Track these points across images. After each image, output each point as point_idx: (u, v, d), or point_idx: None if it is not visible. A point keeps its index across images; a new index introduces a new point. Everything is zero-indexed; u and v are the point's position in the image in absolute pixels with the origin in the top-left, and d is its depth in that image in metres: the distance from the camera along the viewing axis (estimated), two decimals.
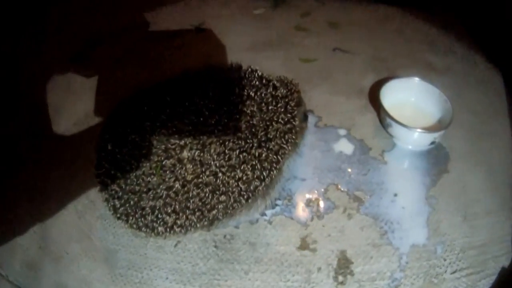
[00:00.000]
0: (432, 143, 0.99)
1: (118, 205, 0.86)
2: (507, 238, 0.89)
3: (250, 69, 0.88)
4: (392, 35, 1.35)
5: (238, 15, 1.50)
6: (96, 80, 1.35)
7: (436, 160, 1.00)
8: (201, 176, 0.80)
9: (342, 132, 1.05)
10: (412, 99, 1.05)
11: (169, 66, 1.32)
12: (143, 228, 0.87)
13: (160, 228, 0.85)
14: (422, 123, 1.00)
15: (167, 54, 1.36)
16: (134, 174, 0.82)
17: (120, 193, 0.84)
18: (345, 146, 1.01)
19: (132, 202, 0.84)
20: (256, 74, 0.87)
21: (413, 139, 0.98)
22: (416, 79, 1.04)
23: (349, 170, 0.97)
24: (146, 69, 1.33)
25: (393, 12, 1.43)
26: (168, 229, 0.85)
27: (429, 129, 0.98)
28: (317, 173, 0.97)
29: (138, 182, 0.82)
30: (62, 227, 1.02)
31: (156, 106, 0.84)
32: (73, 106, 1.27)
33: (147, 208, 0.83)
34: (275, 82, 0.88)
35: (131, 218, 0.86)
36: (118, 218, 0.90)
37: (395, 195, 0.95)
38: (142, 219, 0.85)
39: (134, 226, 0.87)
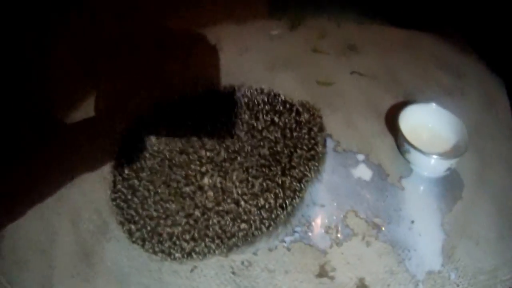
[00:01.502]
0: (448, 169, 0.98)
1: (134, 230, 0.85)
2: None
3: (273, 93, 0.86)
4: (406, 58, 1.35)
5: (255, 35, 1.49)
6: (105, 93, 1.33)
7: (451, 186, 1.00)
8: (222, 203, 0.79)
9: (361, 157, 1.04)
10: (429, 124, 1.05)
11: (183, 81, 1.30)
12: (159, 253, 0.85)
13: (177, 254, 0.84)
14: (438, 149, 1.00)
15: (181, 69, 1.35)
16: (152, 200, 0.80)
17: (137, 218, 0.83)
18: (363, 172, 1.01)
19: (149, 228, 0.82)
20: (280, 99, 0.85)
21: (431, 165, 0.98)
22: (434, 104, 1.04)
23: (368, 196, 0.97)
24: (159, 83, 1.31)
25: (407, 34, 1.44)
26: (185, 255, 0.84)
27: (445, 155, 0.98)
28: (336, 199, 0.96)
29: (156, 208, 0.80)
30: (72, 247, 1.00)
31: (176, 129, 0.83)
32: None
33: (165, 235, 0.82)
34: (298, 107, 0.87)
35: (147, 243, 0.84)
36: (133, 242, 0.88)
37: (412, 222, 0.94)
38: (159, 244, 0.83)
39: (150, 250, 0.86)
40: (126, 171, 0.82)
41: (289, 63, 1.35)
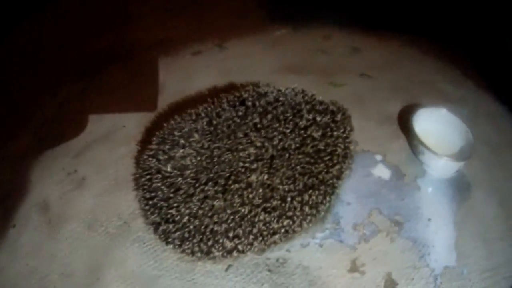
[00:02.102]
0: (457, 171, 1.06)
1: (173, 229, 0.83)
2: None
3: (310, 94, 0.89)
4: (409, 63, 1.42)
5: (259, 36, 1.51)
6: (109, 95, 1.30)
7: (461, 187, 1.07)
8: (270, 200, 0.80)
9: (378, 157, 1.09)
10: (438, 128, 1.12)
11: (190, 84, 1.30)
12: (197, 253, 0.84)
13: (216, 253, 0.83)
14: (445, 151, 1.08)
15: (190, 72, 1.34)
16: (197, 198, 0.80)
17: (178, 217, 0.81)
18: (382, 172, 1.06)
19: (191, 227, 0.81)
20: (317, 99, 0.88)
21: (443, 166, 1.05)
22: (444, 110, 1.12)
23: (388, 195, 1.02)
24: (165, 88, 1.29)
25: (407, 40, 1.51)
26: (225, 254, 0.84)
27: (455, 157, 1.06)
28: (360, 198, 1.00)
29: (203, 206, 0.79)
30: (90, 251, 0.96)
31: (222, 127, 0.83)
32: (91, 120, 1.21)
33: (208, 233, 0.81)
34: (333, 107, 0.90)
35: (187, 243, 0.83)
36: (168, 243, 0.86)
37: (429, 220, 1.00)
38: (200, 243, 0.82)
39: (188, 250, 0.84)
40: (169, 168, 0.80)
41: (298, 65, 1.38)
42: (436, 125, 1.12)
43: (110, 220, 0.99)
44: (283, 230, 0.83)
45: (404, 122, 1.15)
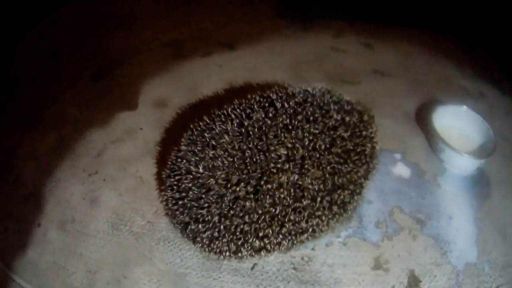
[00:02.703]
0: (478, 168, 1.07)
1: (203, 229, 0.83)
2: None
3: (338, 93, 0.89)
4: (425, 58, 1.43)
5: (268, 34, 1.51)
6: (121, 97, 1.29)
7: (481, 184, 1.09)
8: (301, 200, 0.80)
9: (398, 156, 1.10)
10: (458, 125, 1.13)
11: (204, 84, 1.29)
12: (224, 252, 0.85)
13: (244, 252, 0.84)
14: (466, 149, 1.09)
15: (203, 73, 1.34)
16: (228, 198, 0.80)
17: (208, 217, 0.82)
18: (402, 170, 1.07)
19: (222, 227, 0.81)
20: (344, 99, 0.89)
21: (464, 164, 1.06)
22: (464, 107, 1.13)
23: (409, 193, 1.03)
24: (180, 87, 1.29)
25: (422, 35, 1.51)
26: (253, 253, 0.84)
27: (477, 154, 1.07)
28: (381, 196, 1.01)
29: (234, 206, 0.80)
30: (116, 250, 0.96)
31: (252, 128, 0.83)
32: (109, 122, 1.21)
33: (238, 233, 0.81)
34: (359, 107, 0.90)
35: (217, 242, 0.83)
36: (196, 242, 0.87)
37: (450, 217, 1.02)
38: (230, 243, 0.83)
39: (216, 250, 0.85)
40: (200, 170, 0.80)
41: (312, 62, 1.38)
42: (457, 123, 1.13)
43: (133, 220, 0.99)
44: (311, 229, 0.84)
45: (422, 119, 1.16)
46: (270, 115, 0.82)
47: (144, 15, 1.61)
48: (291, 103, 0.84)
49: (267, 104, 0.84)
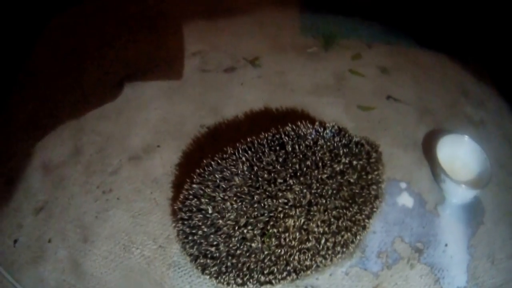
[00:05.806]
0: (475, 197, 1.11)
1: (211, 264, 0.87)
2: None
3: (347, 135, 0.91)
4: (434, 84, 1.44)
5: (291, 53, 1.51)
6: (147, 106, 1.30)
7: (475, 212, 1.13)
8: (306, 242, 0.84)
9: (403, 185, 1.13)
10: (459, 155, 1.16)
11: (225, 103, 1.31)
12: (232, 285, 0.89)
13: (250, 286, 0.88)
14: (465, 178, 1.12)
15: (225, 90, 1.36)
16: (236, 239, 0.84)
17: (216, 254, 0.86)
18: (406, 200, 1.10)
19: (229, 264, 0.86)
20: (353, 141, 0.91)
21: (462, 193, 1.09)
22: (466, 137, 1.15)
23: (411, 223, 1.07)
24: (201, 106, 1.31)
25: (433, 59, 1.52)
26: (259, 285, 0.89)
27: (476, 185, 1.10)
28: (385, 226, 1.05)
29: (241, 246, 0.84)
30: (127, 273, 1.00)
31: (262, 171, 0.85)
32: (127, 136, 1.23)
33: (245, 270, 0.86)
34: (368, 147, 0.93)
35: (224, 276, 0.88)
36: (204, 274, 0.91)
37: (446, 245, 1.06)
38: (237, 278, 0.87)
39: (224, 282, 0.89)
40: (210, 210, 0.83)
41: (330, 86, 1.40)
42: (459, 152, 1.16)
43: (145, 244, 1.03)
44: (314, 266, 0.88)
45: (428, 149, 1.19)
46: (280, 159, 0.84)
47: (174, 19, 1.61)
48: (301, 146, 0.86)
49: (278, 147, 0.86)
